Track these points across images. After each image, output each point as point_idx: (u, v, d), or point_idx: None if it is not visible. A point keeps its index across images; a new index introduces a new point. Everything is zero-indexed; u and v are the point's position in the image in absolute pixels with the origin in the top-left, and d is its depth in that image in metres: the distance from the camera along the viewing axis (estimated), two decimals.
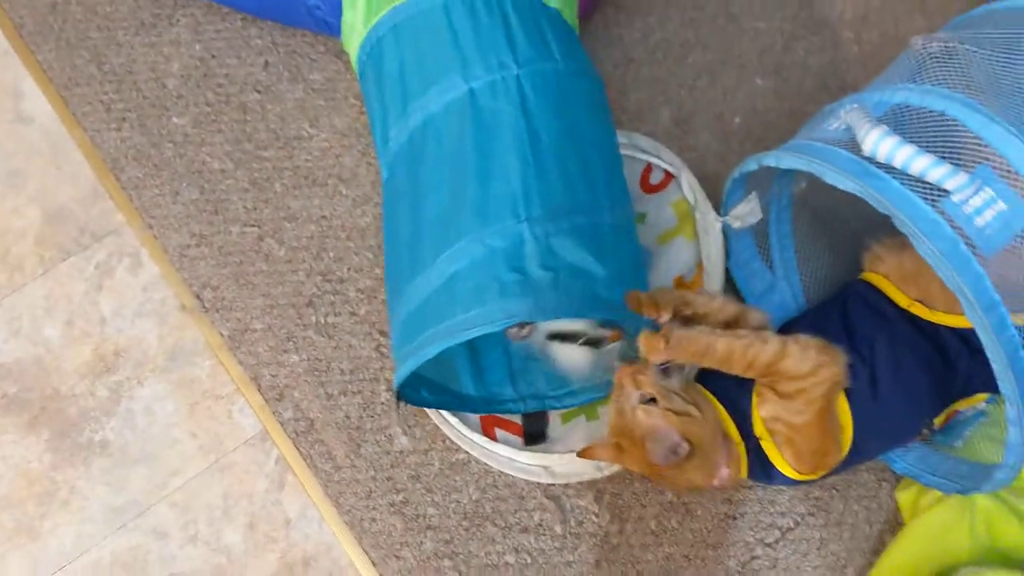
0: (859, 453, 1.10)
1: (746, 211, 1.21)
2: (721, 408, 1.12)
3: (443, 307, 1.00)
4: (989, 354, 0.87)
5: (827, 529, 1.24)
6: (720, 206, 1.26)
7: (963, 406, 1.12)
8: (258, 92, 1.49)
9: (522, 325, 1.04)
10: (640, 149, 1.33)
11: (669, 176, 1.33)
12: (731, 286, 1.32)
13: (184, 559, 1.26)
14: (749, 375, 1.04)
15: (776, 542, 1.23)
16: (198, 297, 1.37)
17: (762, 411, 1.07)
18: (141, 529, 1.27)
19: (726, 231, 1.27)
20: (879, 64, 1.45)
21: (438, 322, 0.99)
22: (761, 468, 1.10)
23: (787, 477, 1.09)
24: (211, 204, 1.42)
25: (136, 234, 1.41)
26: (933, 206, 0.89)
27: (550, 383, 1.27)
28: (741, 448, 1.10)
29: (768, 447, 1.07)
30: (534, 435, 1.26)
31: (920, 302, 1.10)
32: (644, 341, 0.99)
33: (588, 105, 1.13)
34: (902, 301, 1.11)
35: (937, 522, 1.18)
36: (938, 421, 1.12)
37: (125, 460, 1.30)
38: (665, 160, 1.32)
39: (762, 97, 1.47)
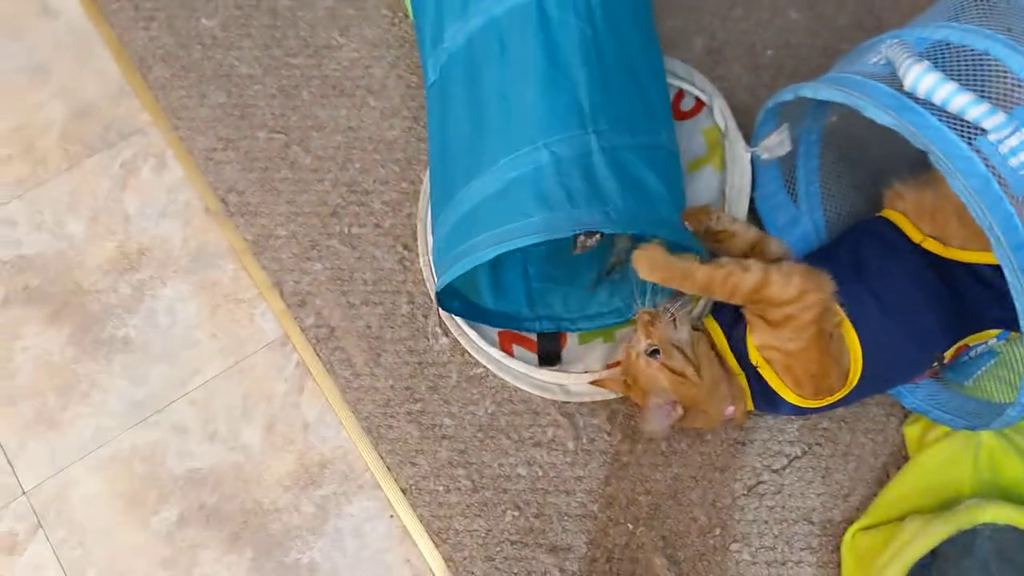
0: (869, 384, 1.13)
1: (776, 143, 1.21)
2: (723, 340, 1.14)
3: (502, 212, 1.01)
4: (1014, 293, 0.89)
5: (833, 459, 1.27)
6: (749, 137, 1.26)
7: (973, 341, 1.14)
8: None
9: (589, 235, 1.05)
10: (673, 74, 1.33)
11: (700, 103, 1.33)
12: (755, 218, 1.33)
13: (202, 455, 1.28)
14: (735, 302, 1.08)
15: (783, 468, 1.26)
16: (223, 201, 1.38)
17: (754, 339, 1.10)
18: (161, 425, 1.29)
19: (754, 162, 1.28)
20: (915, 4, 1.45)
21: (494, 226, 1.00)
22: (764, 397, 1.13)
23: (792, 404, 1.11)
24: (238, 109, 1.42)
25: (162, 135, 1.42)
26: (969, 144, 0.90)
27: (566, 306, 1.29)
28: (742, 379, 1.13)
29: (767, 374, 1.10)
30: (548, 356, 1.28)
31: (934, 238, 1.11)
32: (637, 255, 1.03)
33: (645, 30, 1.13)
34: (915, 236, 1.13)
35: (941, 456, 1.21)
36: (948, 355, 1.14)
37: (146, 357, 1.32)
38: (698, 86, 1.32)
39: (795, 31, 1.46)
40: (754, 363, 1.11)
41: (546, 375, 1.23)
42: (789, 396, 1.11)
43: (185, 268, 1.36)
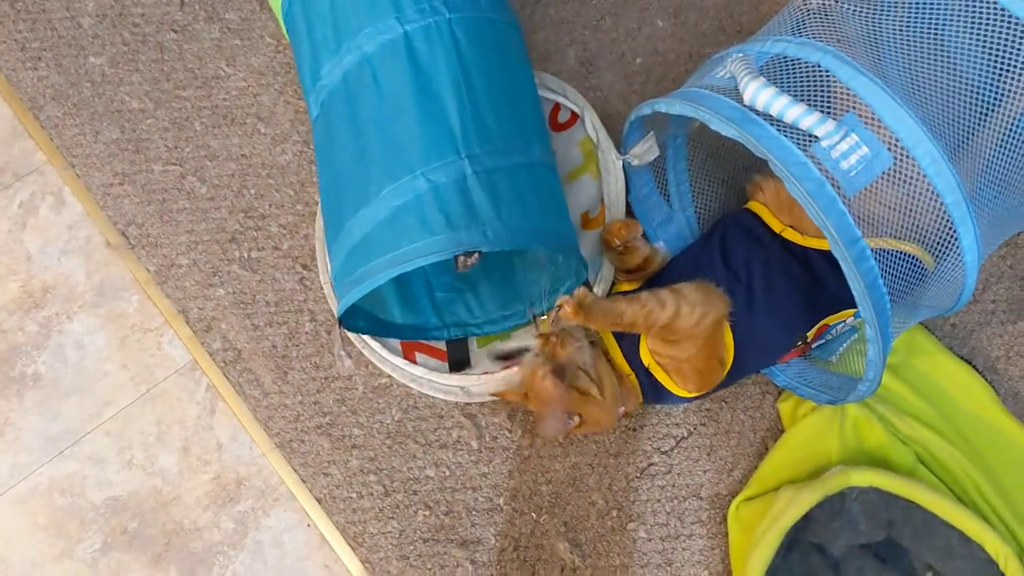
0: (741, 370, 1.24)
1: (644, 149, 1.31)
2: (615, 343, 1.24)
3: (389, 239, 1.07)
4: (850, 283, 0.99)
5: (716, 437, 1.37)
6: (619, 145, 1.35)
7: (833, 320, 1.25)
8: (175, 31, 1.51)
9: (468, 254, 1.12)
10: (548, 88, 1.40)
11: (575, 116, 1.41)
12: (631, 219, 1.42)
13: (121, 483, 1.33)
14: (650, 334, 1.18)
15: (671, 450, 1.36)
16: (123, 234, 1.42)
17: (649, 345, 1.20)
18: (77, 456, 1.33)
19: (626, 168, 1.36)
20: (773, 7, 1.55)
21: (384, 253, 1.07)
22: (653, 391, 1.23)
23: (677, 396, 1.22)
24: (132, 143, 1.46)
25: (58, 173, 1.44)
26: (804, 150, 0.99)
27: (471, 312, 1.37)
28: (633, 379, 1.23)
29: (658, 374, 1.20)
30: (458, 362, 1.35)
31: (792, 227, 1.22)
32: (565, 304, 1.11)
33: (513, 52, 1.20)
34: (776, 227, 1.23)
35: (811, 428, 1.32)
36: (811, 335, 1.25)
37: (58, 392, 1.36)
38: (571, 99, 1.40)
39: (662, 39, 1.55)
40: (646, 364, 1.21)
41: (448, 379, 1.31)
42: (675, 390, 1.21)
43: (91, 302, 1.40)
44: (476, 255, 1.14)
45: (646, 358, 1.19)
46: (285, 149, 1.46)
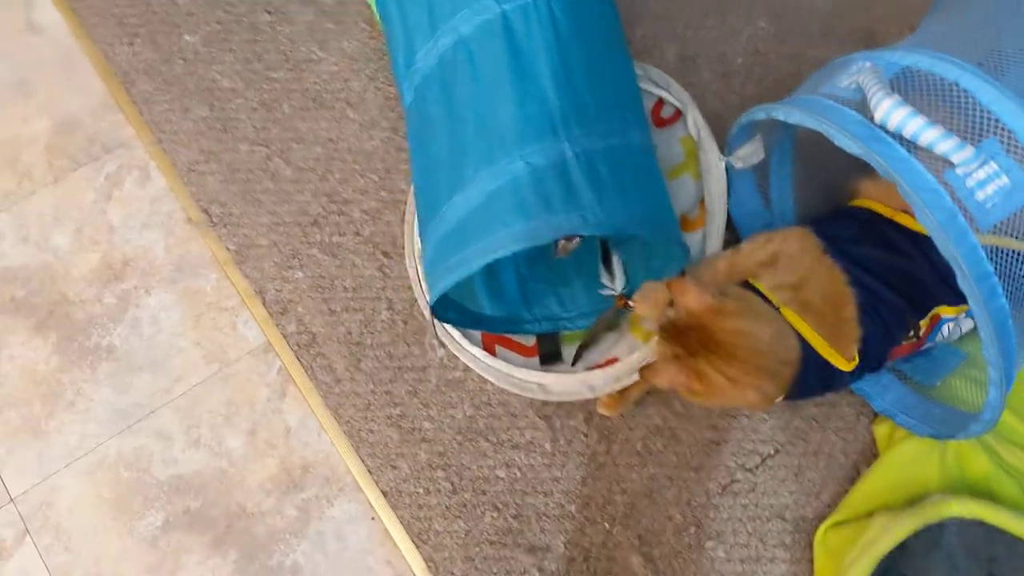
0: (866, 341, 1.11)
1: (749, 152, 1.24)
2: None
3: (484, 225, 1.03)
4: (978, 321, 0.91)
5: (805, 457, 1.29)
6: (722, 142, 1.29)
7: (947, 313, 1.15)
8: (269, 13, 1.51)
9: (568, 239, 1.08)
10: (653, 82, 1.35)
11: (678, 112, 1.36)
12: (729, 225, 1.35)
13: (186, 461, 1.30)
14: (721, 285, 1.09)
15: (756, 467, 1.29)
16: (205, 212, 1.40)
17: (763, 282, 1.10)
18: (145, 431, 1.32)
19: (728, 170, 1.30)
20: (884, 11, 1.48)
21: (479, 239, 1.02)
22: (816, 371, 1.09)
23: (822, 363, 1.09)
24: (220, 122, 1.45)
25: (145, 148, 1.44)
26: (936, 176, 0.91)
27: (563, 305, 1.32)
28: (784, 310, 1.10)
29: (788, 315, 1.08)
30: (549, 355, 1.30)
31: (904, 211, 1.14)
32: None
33: (610, 33, 1.16)
34: (887, 212, 1.15)
35: (910, 453, 1.24)
36: (923, 324, 1.16)
37: (130, 365, 1.34)
38: (674, 95, 1.35)
39: (764, 39, 1.50)
40: (776, 305, 1.09)
41: (526, 374, 1.25)
42: (818, 344, 1.08)
43: (168, 278, 1.38)
44: (576, 240, 1.09)
45: (773, 298, 1.09)
46: (373, 135, 1.44)
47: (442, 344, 1.30)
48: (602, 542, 1.26)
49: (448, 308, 1.23)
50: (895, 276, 1.12)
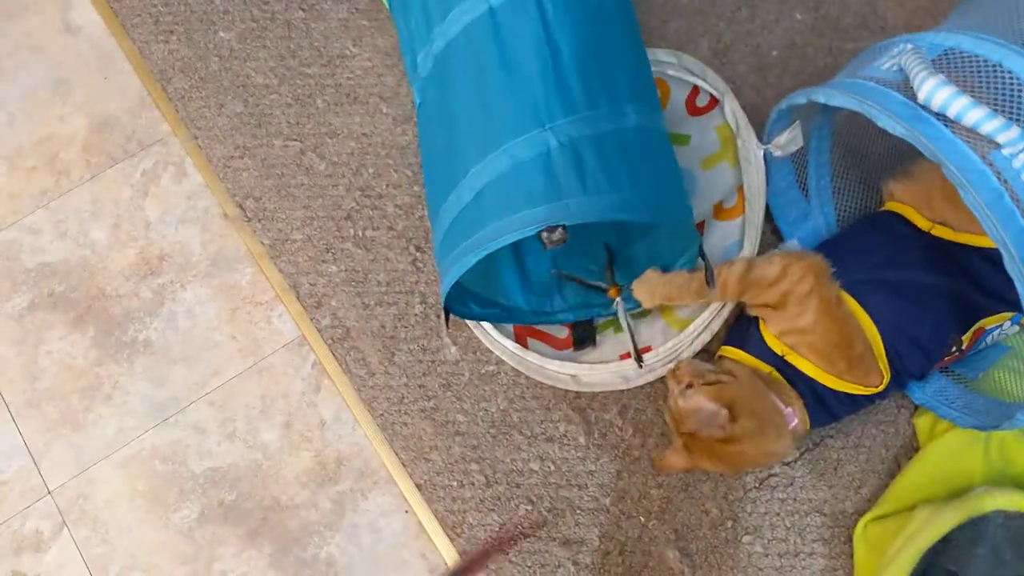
0: (897, 365, 1.12)
1: (788, 139, 1.23)
2: (743, 353, 1.16)
3: (475, 220, 1.03)
4: None
5: (844, 451, 1.27)
6: (759, 135, 1.28)
7: (989, 324, 1.14)
8: (303, 10, 1.51)
9: (551, 230, 1.07)
10: (688, 71, 1.34)
11: (714, 100, 1.34)
12: (767, 214, 1.34)
13: (222, 454, 1.31)
14: (730, 297, 1.14)
15: (794, 461, 1.27)
16: (240, 207, 1.41)
17: (770, 329, 1.12)
18: (181, 424, 1.32)
19: (767, 159, 1.29)
20: (920, 3, 1.46)
21: (471, 235, 1.02)
22: (818, 406, 1.14)
23: (839, 392, 1.12)
24: (255, 118, 1.45)
25: (181, 144, 1.45)
26: (982, 157, 0.90)
27: (597, 293, 1.30)
28: (777, 374, 1.13)
29: (796, 360, 1.11)
30: (583, 339, 1.29)
31: (942, 224, 1.13)
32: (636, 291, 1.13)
33: (609, 15, 1.13)
34: (924, 225, 1.14)
35: (952, 446, 1.22)
36: (966, 339, 1.15)
37: (167, 359, 1.35)
38: (710, 83, 1.33)
39: (800, 32, 1.48)
40: (780, 353, 1.12)
41: (559, 366, 1.24)
42: (826, 379, 1.11)
43: (204, 272, 1.39)
44: (560, 230, 1.08)
45: (777, 346, 1.11)
46: (406, 130, 1.44)
47: (455, 342, 1.30)
48: (637, 536, 1.25)
49: (469, 303, 1.22)
50: (934, 297, 1.12)
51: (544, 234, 1.10)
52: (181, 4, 1.52)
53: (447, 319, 1.15)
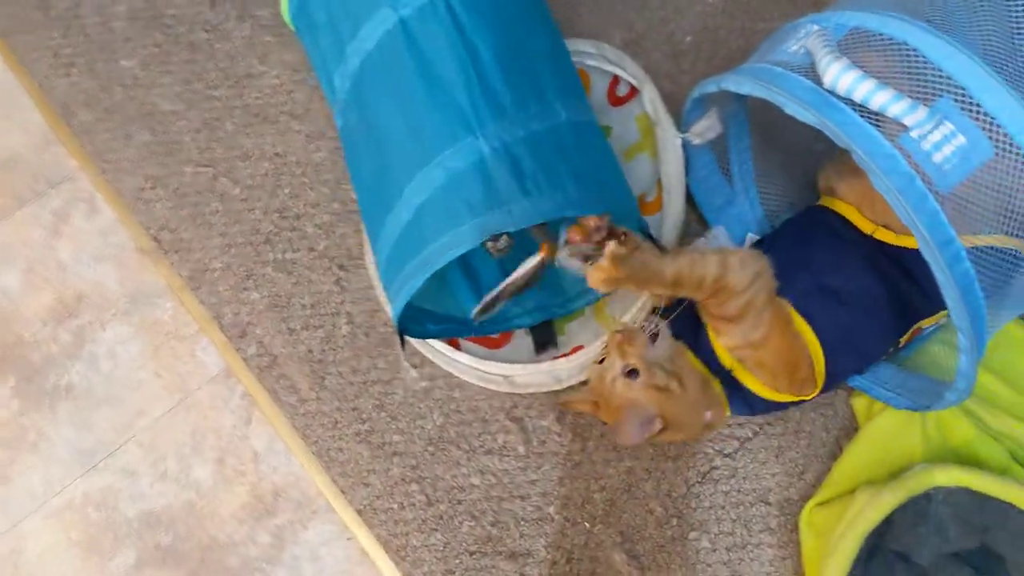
0: (835, 371, 1.11)
1: (706, 127, 1.21)
2: (689, 352, 1.13)
3: (417, 239, 0.99)
4: (943, 288, 0.87)
5: (784, 438, 1.26)
6: (678, 123, 1.26)
7: (928, 323, 1.14)
8: (206, 31, 1.47)
9: (495, 238, 1.04)
10: (607, 60, 1.31)
11: (634, 90, 1.32)
12: (691, 203, 1.32)
13: (155, 496, 1.28)
14: (698, 295, 1.04)
15: (735, 452, 1.26)
16: (156, 239, 1.37)
17: (722, 342, 1.08)
18: (111, 469, 1.29)
19: (686, 147, 1.27)
20: None
21: (414, 255, 0.99)
22: (741, 400, 1.11)
23: (770, 401, 1.10)
24: (163, 146, 1.41)
25: (90, 179, 1.41)
26: (892, 140, 0.88)
27: (553, 293, 1.28)
28: (718, 386, 1.11)
29: (743, 375, 1.09)
30: (544, 343, 1.26)
31: (885, 227, 1.11)
32: (592, 273, 0.98)
33: (524, 14, 1.10)
34: (866, 227, 1.12)
35: (890, 425, 1.21)
36: (903, 340, 1.14)
37: (91, 403, 1.31)
38: (630, 72, 1.31)
39: (712, 15, 1.46)
40: (728, 367, 1.09)
41: (492, 367, 1.21)
42: (765, 392, 1.09)
43: (124, 310, 1.35)
44: (504, 238, 1.06)
45: (726, 359, 1.09)
46: (320, 146, 1.40)
47: (414, 366, 1.28)
48: (584, 542, 1.23)
49: (426, 322, 1.19)
50: (879, 307, 1.10)
51: (489, 244, 1.07)
52: (80, 35, 1.47)
53: (403, 343, 1.12)
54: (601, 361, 1.11)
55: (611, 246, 0.97)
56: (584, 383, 1.23)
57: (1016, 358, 1.23)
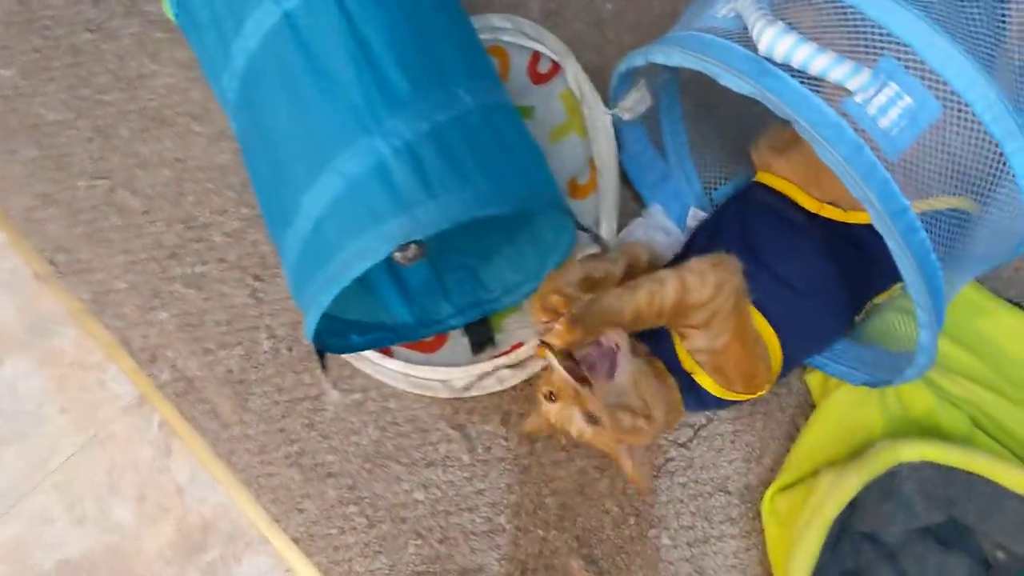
0: (791, 363, 1.06)
1: (635, 101, 1.13)
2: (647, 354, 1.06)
3: (321, 253, 0.90)
4: (897, 260, 0.81)
5: (739, 421, 1.20)
6: (606, 98, 1.18)
7: (882, 298, 1.08)
8: (90, 31, 1.35)
9: (404, 247, 0.95)
10: (525, 35, 1.23)
11: (556, 66, 1.24)
12: (623, 180, 1.25)
13: (73, 542, 1.18)
14: (662, 323, 0.99)
15: (689, 441, 1.20)
16: (51, 262, 1.26)
17: (687, 345, 1.01)
18: (23, 516, 1.18)
19: (616, 123, 1.19)
20: None
21: (319, 270, 0.90)
22: (696, 399, 1.05)
23: (718, 398, 1.04)
24: (52, 160, 1.30)
25: None
26: (835, 107, 0.81)
27: (485, 288, 1.20)
28: (677, 392, 1.04)
29: (701, 377, 1.03)
30: (481, 343, 1.19)
31: (832, 204, 1.04)
32: (555, 337, 0.92)
33: None
34: (811, 205, 1.05)
35: (848, 399, 1.16)
36: (858, 319, 1.09)
37: None
38: (550, 47, 1.23)
39: None
40: (688, 371, 1.03)
41: (426, 371, 1.14)
42: (719, 392, 1.03)
43: (22, 342, 1.24)
44: (412, 247, 0.97)
45: (688, 363, 1.02)
46: (223, 147, 1.30)
47: (335, 385, 1.19)
48: (538, 551, 1.16)
49: (349, 333, 1.11)
50: (834, 289, 1.05)
51: (398, 255, 0.99)
52: None
53: (322, 360, 1.03)
54: (550, 395, 1.00)
55: (566, 314, 0.93)
56: (528, 382, 1.17)
57: (971, 321, 1.18)
